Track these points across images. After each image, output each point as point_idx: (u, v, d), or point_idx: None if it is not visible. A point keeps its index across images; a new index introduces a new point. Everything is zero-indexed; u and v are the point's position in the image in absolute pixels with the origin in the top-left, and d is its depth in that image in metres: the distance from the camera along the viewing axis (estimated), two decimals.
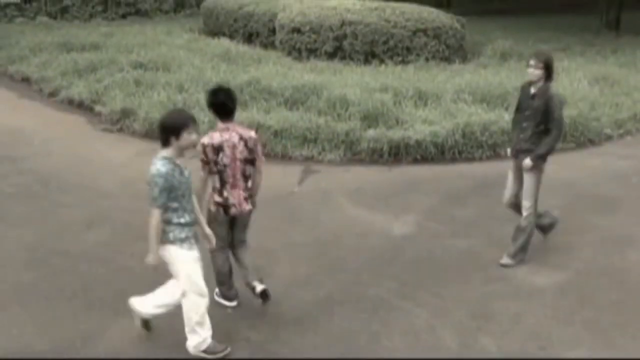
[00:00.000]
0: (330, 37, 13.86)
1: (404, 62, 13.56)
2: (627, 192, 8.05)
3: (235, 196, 5.24)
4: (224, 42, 15.29)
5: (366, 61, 13.62)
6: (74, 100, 11.78)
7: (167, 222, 4.64)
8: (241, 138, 5.19)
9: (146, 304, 4.98)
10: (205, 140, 5.14)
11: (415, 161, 9.08)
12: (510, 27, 18.69)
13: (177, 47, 14.48)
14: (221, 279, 5.53)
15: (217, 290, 5.56)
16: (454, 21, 14.65)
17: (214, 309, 5.43)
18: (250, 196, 5.33)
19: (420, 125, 9.47)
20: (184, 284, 4.74)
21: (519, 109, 6.14)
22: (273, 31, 15.21)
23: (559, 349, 4.99)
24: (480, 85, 11.13)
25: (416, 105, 10.49)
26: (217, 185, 5.23)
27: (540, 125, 5.90)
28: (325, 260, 6.38)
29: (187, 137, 4.54)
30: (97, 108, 11.18)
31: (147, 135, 9.92)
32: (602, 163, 9.16)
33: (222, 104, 5.17)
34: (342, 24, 13.85)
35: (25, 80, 13.41)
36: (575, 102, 10.64)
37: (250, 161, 5.24)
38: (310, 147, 9.35)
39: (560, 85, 11.47)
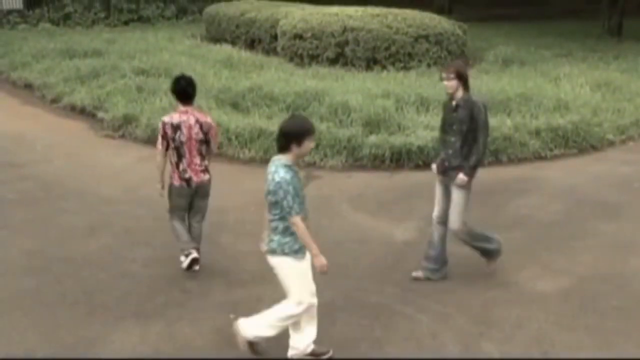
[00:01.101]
0: (332, 44, 13.88)
1: (406, 68, 13.57)
2: (630, 198, 8.04)
3: (192, 169, 5.96)
4: (226, 49, 15.32)
5: (368, 67, 13.63)
6: (76, 106, 11.81)
7: (283, 232, 4.57)
8: (197, 121, 5.92)
9: (255, 325, 4.80)
10: (166, 119, 5.93)
11: (417, 167, 9.07)
12: (512, 33, 18.72)
13: (179, 54, 14.51)
14: (183, 246, 6.14)
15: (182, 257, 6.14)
16: (456, 27, 14.67)
17: (219, 316, 5.44)
18: (206, 168, 6.06)
19: (422, 131, 9.47)
20: (298, 294, 4.65)
21: (443, 127, 5.93)
22: (275, 37, 15.23)
23: (561, 355, 4.97)
24: (482, 91, 11.11)
25: (418, 111, 10.50)
26: (175, 159, 5.95)
27: (469, 137, 5.69)
28: None
29: (308, 144, 4.52)
30: (99, 114, 11.20)
31: (149, 141, 9.91)
32: (604, 169, 9.15)
33: (183, 90, 5.91)
34: (344, 30, 13.87)
35: (28, 86, 13.45)
36: (578, 107, 10.65)
37: (205, 142, 5.96)
38: (312, 153, 9.30)
39: (562, 91, 11.50)
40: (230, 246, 6.79)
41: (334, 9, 14.93)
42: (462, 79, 5.68)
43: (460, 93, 5.71)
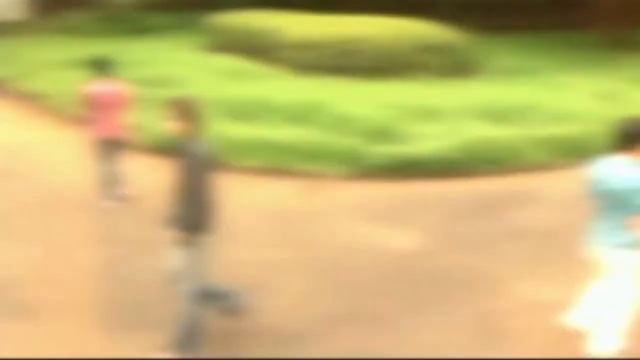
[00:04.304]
0: (336, 53, 13.92)
1: (409, 78, 13.59)
2: None
3: (113, 127, 7.98)
4: (230, 59, 15.37)
5: (371, 77, 13.66)
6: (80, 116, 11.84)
7: (622, 227, 4.65)
8: (114, 89, 7.98)
9: (606, 340, 4.83)
10: (91, 87, 7.93)
11: (420, 177, 9.09)
12: (515, 43, 18.72)
13: (183, 64, 14.54)
14: (109, 184, 8.08)
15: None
16: (459, 37, 14.70)
17: (218, 324, 5.46)
18: (121, 127, 8.06)
19: (425, 141, 9.49)
20: (635, 289, 4.72)
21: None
22: (278, 47, 15.28)
23: None
24: (484, 101, 11.16)
25: (421, 121, 10.52)
26: (99, 119, 7.93)
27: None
28: (329, 276, 6.39)
29: None
30: None
31: (155, 150, 9.97)
32: None
33: (102, 67, 8.15)
34: (348, 40, 13.91)
35: (32, 96, 13.49)
36: (580, 117, 10.65)
37: (121, 105, 8.02)
38: (314, 163, 9.37)
39: (564, 101, 11.50)
40: (233, 255, 6.80)
41: (338, 19, 14.99)
42: (189, 115, 4.89)
43: (186, 135, 4.92)
